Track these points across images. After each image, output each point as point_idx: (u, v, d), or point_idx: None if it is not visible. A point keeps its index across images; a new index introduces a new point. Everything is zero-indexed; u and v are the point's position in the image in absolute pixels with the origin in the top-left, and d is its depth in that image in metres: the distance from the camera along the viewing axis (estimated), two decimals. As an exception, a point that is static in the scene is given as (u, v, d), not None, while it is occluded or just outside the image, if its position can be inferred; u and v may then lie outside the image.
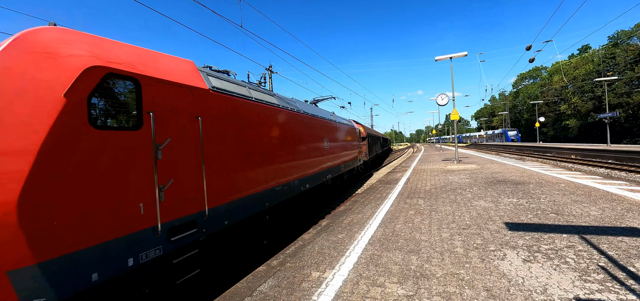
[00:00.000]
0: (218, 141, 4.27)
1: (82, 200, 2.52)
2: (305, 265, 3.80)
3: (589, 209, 5.39)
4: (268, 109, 5.94)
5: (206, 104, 4.09)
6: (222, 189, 4.29)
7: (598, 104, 45.63)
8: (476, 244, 4.05)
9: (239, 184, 4.72)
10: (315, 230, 5.44)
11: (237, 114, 4.81)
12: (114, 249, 2.77)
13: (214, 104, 4.26)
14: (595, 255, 3.47)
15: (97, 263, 2.62)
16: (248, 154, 5.04)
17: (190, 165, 3.68)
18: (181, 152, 3.57)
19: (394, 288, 3.01)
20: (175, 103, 3.56)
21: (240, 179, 4.77)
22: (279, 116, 6.41)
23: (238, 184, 4.70)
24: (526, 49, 16.32)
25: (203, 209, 3.86)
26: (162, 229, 3.23)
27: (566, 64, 55.09)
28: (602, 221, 4.67)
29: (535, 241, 3.99)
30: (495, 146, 47.69)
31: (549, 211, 5.43)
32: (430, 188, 8.78)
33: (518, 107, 74.32)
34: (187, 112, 3.73)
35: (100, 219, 2.66)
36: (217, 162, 4.22)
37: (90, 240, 2.57)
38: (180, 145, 3.57)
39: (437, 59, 16.56)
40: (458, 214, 5.64)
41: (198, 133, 3.85)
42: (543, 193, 7.06)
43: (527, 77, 76.09)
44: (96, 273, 2.62)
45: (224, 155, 4.40)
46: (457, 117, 16.74)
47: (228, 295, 3.19)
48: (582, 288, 2.77)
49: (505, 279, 3.03)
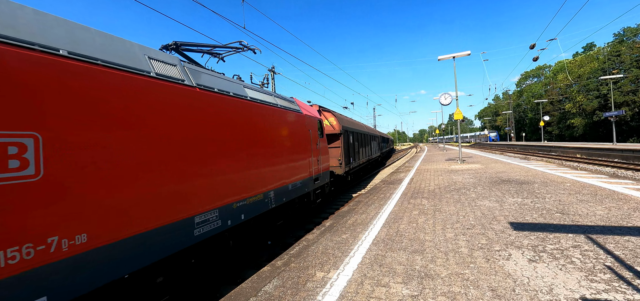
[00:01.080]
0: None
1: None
2: (310, 265, 3.81)
3: (595, 208, 5.35)
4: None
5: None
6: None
7: (603, 102, 45.14)
8: (481, 244, 4.03)
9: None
10: (319, 230, 5.45)
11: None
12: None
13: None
14: (602, 254, 3.44)
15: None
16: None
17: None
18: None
19: (398, 288, 3.01)
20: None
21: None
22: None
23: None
24: (530, 47, 16.22)
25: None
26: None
27: (571, 62, 54.60)
28: (609, 220, 4.63)
29: (540, 241, 3.96)
30: (499, 146, 47.40)
31: (554, 210, 5.40)
32: (434, 188, 8.75)
33: (522, 106, 73.74)
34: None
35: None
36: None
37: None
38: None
39: (440, 58, 16.51)
40: (462, 214, 5.62)
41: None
42: (548, 192, 7.02)
43: (531, 76, 75.49)
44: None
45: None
46: (461, 116, 16.67)
47: (233, 295, 3.22)
48: (588, 288, 2.76)
49: (510, 279, 3.02)
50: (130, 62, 3.17)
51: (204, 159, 3.91)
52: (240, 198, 4.63)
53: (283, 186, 6.15)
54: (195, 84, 4.00)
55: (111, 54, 2.99)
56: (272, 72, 22.12)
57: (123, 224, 2.82)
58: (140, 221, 2.99)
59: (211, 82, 4.41)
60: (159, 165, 3.24)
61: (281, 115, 6.39)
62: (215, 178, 4.09)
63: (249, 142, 4.98)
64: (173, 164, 3.41)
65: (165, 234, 3.26)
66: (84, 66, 2.66)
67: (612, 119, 28.47)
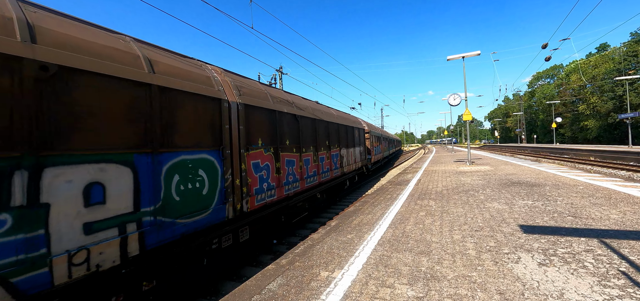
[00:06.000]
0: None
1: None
2: (314, 264, 3.79)
3: (609, 212, 5.19)
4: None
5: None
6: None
7: (619, 104, 43.85)
8: (489, 246, 3.95)
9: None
10: (325, 230, 5.43)
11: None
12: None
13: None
14: (616, 259, 3.33)
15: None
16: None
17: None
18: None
19: (403, 289, 2.97)
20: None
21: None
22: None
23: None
24: (542, 47, 15.85)
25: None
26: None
27: (584, 62, 53.19)
28: (623, 224, 4.48)
29: (551, 245, 3.86)
30: (510, 148, 46.53)
31: (566, 213, 5.25)
32: (441, 189, 8.63)
33: (533, 108, 72.28)
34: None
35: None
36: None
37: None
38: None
39: (449, 58, 16.29)
40: (470, 216, 5.52)
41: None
42: (560, 195, 6.84)
43: (543, 77, 73.95)
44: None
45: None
46: (470, 117, 16.42)
47: (237, 293, 3.22)
48: (601, 293, 2.67)
49: (519, 282, 2.95)
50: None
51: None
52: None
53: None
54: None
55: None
56: (280, 73, 22.20)
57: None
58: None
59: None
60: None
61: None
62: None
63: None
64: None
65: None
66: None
67: (627, 121, 27.66)
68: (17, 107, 2.32)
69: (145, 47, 3.79)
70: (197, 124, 4.05)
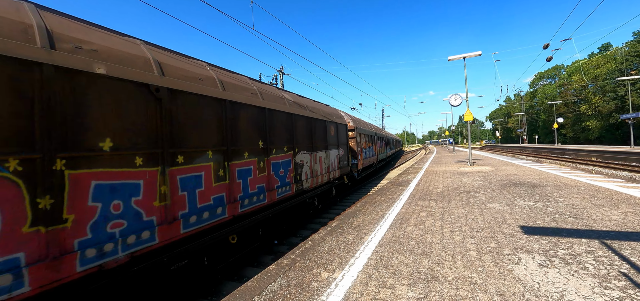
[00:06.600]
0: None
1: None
2: (315, 265, 3.80)
3: (610, 213, 5.18)
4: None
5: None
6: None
7: (621, 104, 43.70)
8: (490, 247, 3.95)
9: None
10: (325, 231, 5.44)
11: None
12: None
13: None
14: (617, 260, 3.32)
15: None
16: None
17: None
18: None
19: (404, 290, 2.98)
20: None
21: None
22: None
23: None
24: (543, 47, 15.82)
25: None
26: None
27: (586, 62, 53.02)
28: (625, 226, 4.47)
29: (552, 246, 3.86)
30: (511, 148, 46.44)
31: (567, 214, 5.25)
32: (442, 190, 8.63)
33: (535, 108, 72.08)
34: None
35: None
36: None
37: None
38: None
39: (450, 58, 16.28)
40: (471, 217, 5.52)
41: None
42: (561, 196, 6.83)
43: (544, 77, 73.76)
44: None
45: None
46: (471, 118, 16.39)
47: (238, 293, 3.23)
48: (601, 295, 2.67)
49: (520, 284, 2.95)
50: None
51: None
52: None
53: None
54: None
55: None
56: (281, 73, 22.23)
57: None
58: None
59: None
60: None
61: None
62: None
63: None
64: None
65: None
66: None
67: (629, 121, 27.57)
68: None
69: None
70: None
